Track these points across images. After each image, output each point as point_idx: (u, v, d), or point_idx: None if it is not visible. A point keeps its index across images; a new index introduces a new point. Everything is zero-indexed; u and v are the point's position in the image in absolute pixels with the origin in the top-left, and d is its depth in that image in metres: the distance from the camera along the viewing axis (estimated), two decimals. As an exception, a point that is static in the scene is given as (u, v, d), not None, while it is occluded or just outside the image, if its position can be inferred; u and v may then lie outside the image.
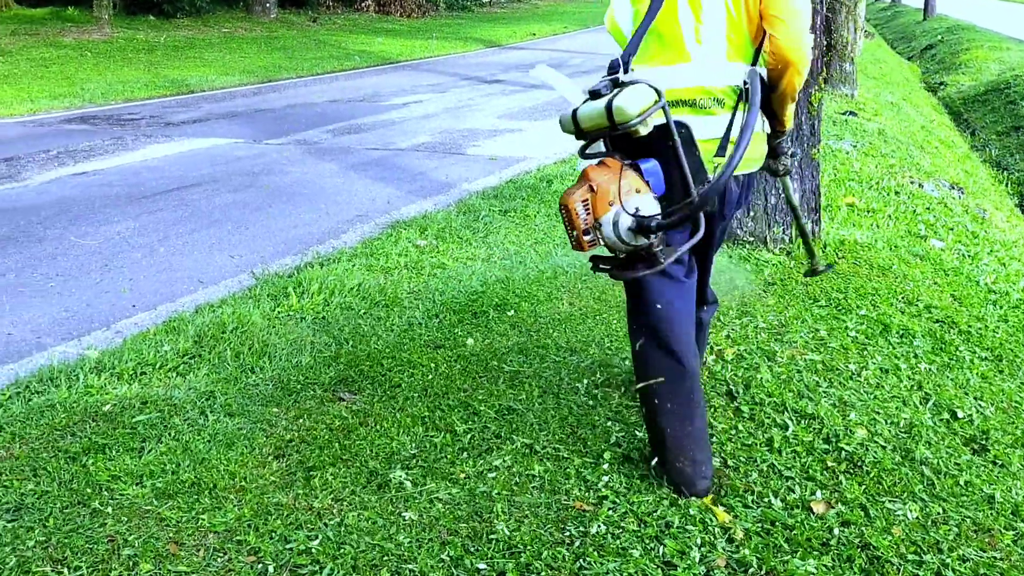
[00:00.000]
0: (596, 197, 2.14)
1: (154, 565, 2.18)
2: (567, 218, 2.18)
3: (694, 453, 2.46)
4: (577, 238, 2.18)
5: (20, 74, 12.94)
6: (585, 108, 2.17)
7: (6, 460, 2.66)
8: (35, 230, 5.46)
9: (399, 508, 2.42)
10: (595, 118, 2.14)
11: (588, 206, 2.16)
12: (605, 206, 2.14)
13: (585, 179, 2.18)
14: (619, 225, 2.14)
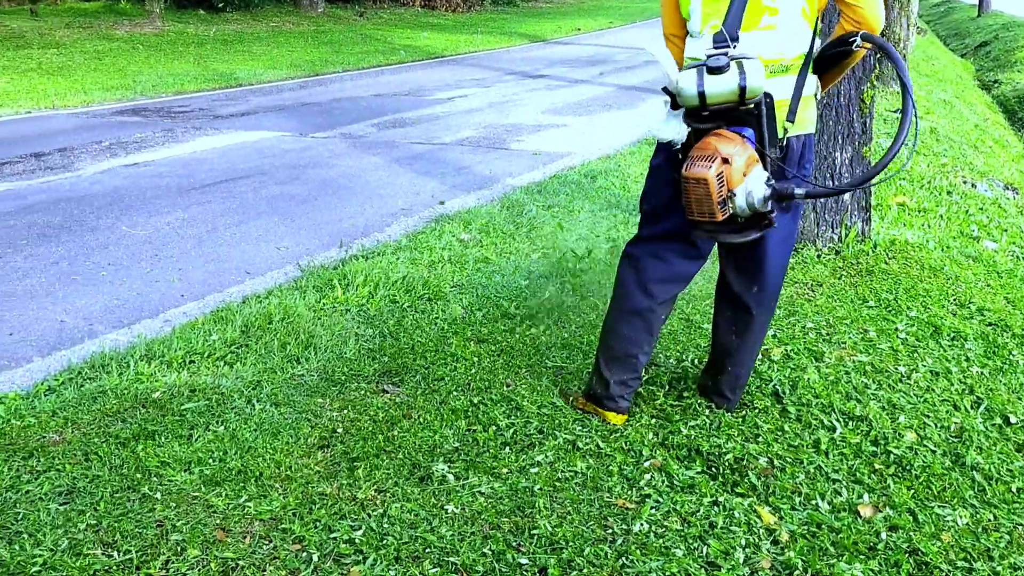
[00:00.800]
0: (731, 169, 2.26)
1: (201, 551, 2.21)
2: (703, 191, 2.27)
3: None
4: (711, 209, 2.29)
5: (74, 66, 13.22)
6: (715, 87, 2.25)
7: (59, 444, 2.72)
8: (88, 219, 5.58)
9: (441, 501, 2.43)
10: (726, 95, 2.26)
11: (723, 178, 2.27)
12: (740, 177, 2.28)
13: (712, 151, 2.27)
14: (753, 194, 2.30)
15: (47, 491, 2.47)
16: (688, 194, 2.32)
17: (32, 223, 5.48)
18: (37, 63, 13.41)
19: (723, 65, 2.23)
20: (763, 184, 2.32)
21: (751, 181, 2.31)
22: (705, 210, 2.31)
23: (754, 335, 2.82)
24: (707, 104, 2.28)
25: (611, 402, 2.83)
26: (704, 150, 2.29)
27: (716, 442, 2.70)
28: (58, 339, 3.81)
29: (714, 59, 2.25)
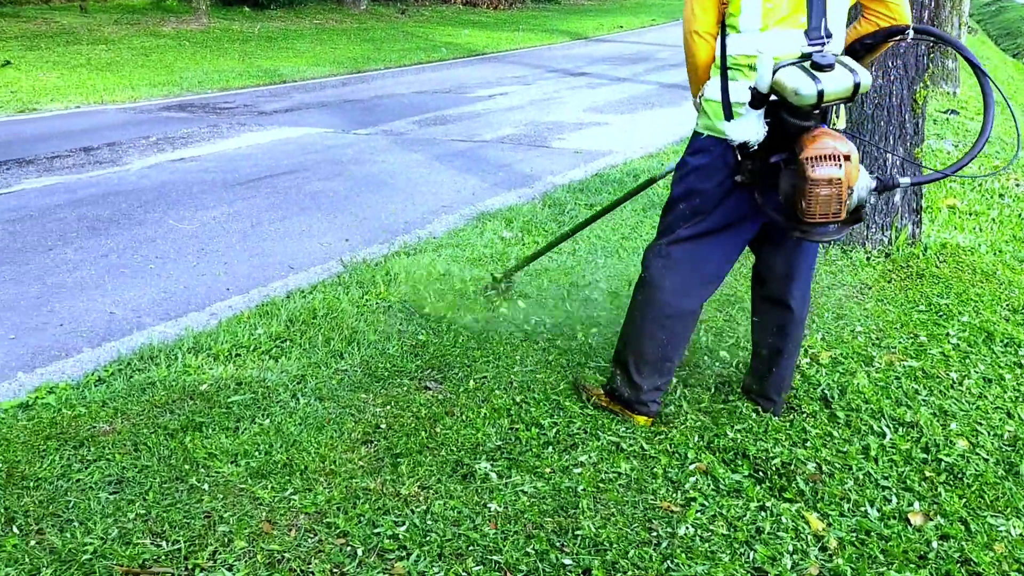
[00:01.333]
0: (851, 166, 2.25)
1: (248, 542, 2.23)
2: (834, 191, 2.23)
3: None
4: (838, 208, 2.26)
5: (122, 62, 13.45)
6: (833, 85, 2.19)
7: (109, 434, 2.76)
8: (136, 213, 5.67)
9: (484, 499, 2.43)
10: (841, 92, 2.21)
11: (848, 176, 2.26)
12: (856, 173, 2.28)
13: (832, 150, 2.23)
14: (864, 188, 2.32)
15: (97, 480, 2.51)
16: (814, 196, 2.25)
17: (82, 216, 5.58)
18: (86, 59, 13.66)
19: (832, 62, 2.20)
20: (869, 177, 2.34)
21: (862, 175, 2.32)
22: (832, 210, 2.26)
23: (796, 333, 2.80)
24: (823, 102, 2.22)
25: (643, 407, 2.80)
26: (822, 150, 2.24)
27: (763, 446, 2.67)
28: (107, 330, 3.87)
29: (820, 56, 2.21)
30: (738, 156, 2.49)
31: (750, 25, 2.42)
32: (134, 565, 2.13)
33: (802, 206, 2.27)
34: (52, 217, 5.55)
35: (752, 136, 2.42)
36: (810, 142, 2.26)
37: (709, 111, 2.56)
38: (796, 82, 2.20)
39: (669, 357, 2.75)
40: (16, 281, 4.43)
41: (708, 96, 2.57)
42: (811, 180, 2.23)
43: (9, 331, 3.84)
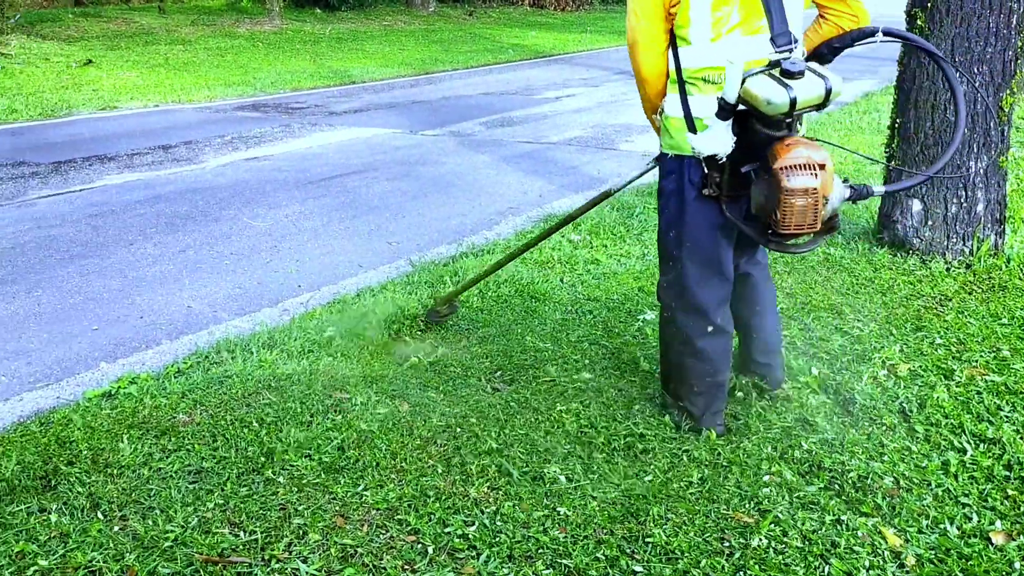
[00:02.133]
0: (827, 175, 2.22)
1: (321, 536, 2.27)
2: (810, 201, 2.20)
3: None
4: (813, 219, 2.22)
5: (199, 62, 13.80)
6: (805, 91, 2.16)
7: (188, 425, 2.84)
8: (212, 210, 5.81)
9: (553, 502, 2.43)
10: (813, 99, 2.18)
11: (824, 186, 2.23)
12: (831, 182, 2.24)
13: (806, 159, 2.20)
14: (837, 198, 2.28)
15: (177, 469, 2.58)
16: (789, 207, 2.21)
17: (161, 212, 5.74)
18: (164, 59, 14.06)
19: (802, 69, 2.15)
20: (843, 186, 2.30)
21: (836, 184, 2.28)
22: (807, 221, 2.23)
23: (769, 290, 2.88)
24: (796, 110, 2.18)
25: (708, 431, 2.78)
26: (797, 159, 2.20)
27: (839, 459, 2.61)
28: (185, 324, 3.98)
29: (790, 63, 2.16)
30: (705, 169, 2.47)
31: (700, 36, 2.38)
32: (213, 554, 2.18)
33: (776, 217, 2.23)
34: (132, 213, 5.72)
35: (720, 148, 2.39)
36: (784, 151, 2.21)
37: (671, 128, 2.53)
38: (767, 91, 2.16)
39: (720, 381, 2.75)
40: (99, 274, 4.58)
41: (668, 113, 2.53)
42: (786, 190, 2.19)
43: (93, 322, 3.97)
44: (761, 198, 2.30)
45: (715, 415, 2.78)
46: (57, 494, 2.45)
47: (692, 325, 2.69)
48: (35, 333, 3.84)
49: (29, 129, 8.72)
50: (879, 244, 4.49)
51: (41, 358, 3.60)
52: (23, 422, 2.97)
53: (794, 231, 2.24)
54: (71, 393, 3.25)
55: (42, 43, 14.55)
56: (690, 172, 2.52)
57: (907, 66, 4.26)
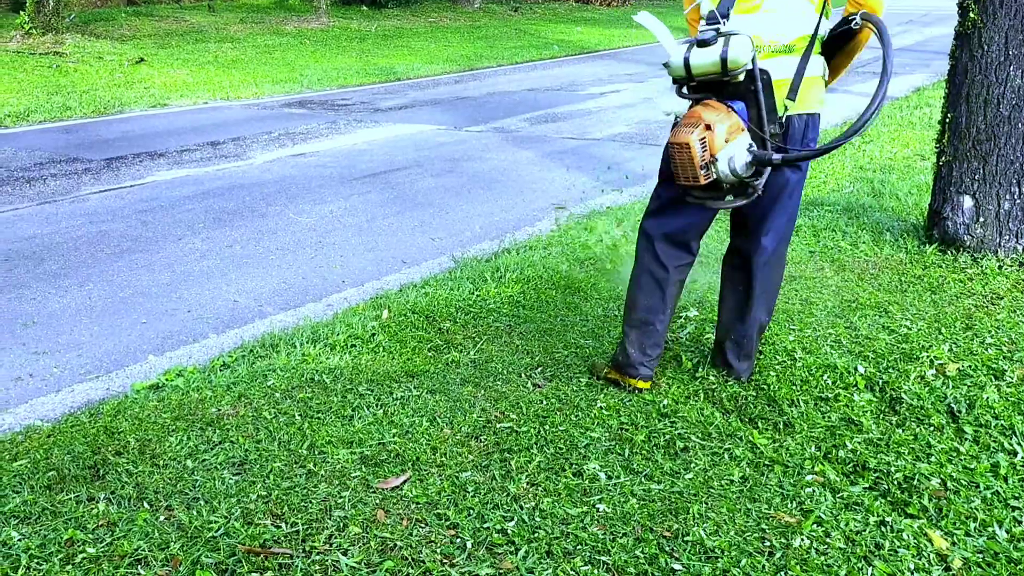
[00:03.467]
0: (712, 136, 2.41)
1: (362, 528, 2.29)
2: (686, 155, 2.42)
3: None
4: (694, 173, 2.44)
5: (247, 60, 14.00)
6: (699, 57, 2.42)
7: (233, 418, 2.88)
8: (258, 206, 5.89)
9: (593, 499, 2.42)
10: (708, 67, 2.43)
11: (705, 144, 2.42)
12: (721, 143, 2.43)
13: (696, 119, 2.42)
14: (735, 160, 2.45)
15: (222, 461, 2.62)
16: (674, 159, 2.45)
17: (209, 208, 5.84)
18: (214, 56, 14.28)
19: (710, 39, 2.39)
20: (745, 151, 2.47)
21: (733, 148, 2.44)
22: (688, 174, 2.45)
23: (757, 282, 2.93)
24: (692, 75, 2.44)
25: (633, 370, 2.97)
26: (689, 118, 2.44)
27: (884, 459, 2.57)
28: (231, 318, 4.05)
29: (702, 33, 2.42)
30: None
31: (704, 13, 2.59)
32: (255, 544, 2.21)
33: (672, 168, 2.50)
34: (181, 208, 5.83)
35: (675, 108, 2.65)
36: (688, 112, 2.48)
37: None
38: (674, 56, 2.47)
39: (651, 323, 2.94)
40: (148, 268, 4.67)
41: None
42: (668, 143, 2.47)
43: (141, 316, 4.06)
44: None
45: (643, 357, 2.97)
46: (105, 484, 2.51)
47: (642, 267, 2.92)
48: (86, 326, 3.93)
49: (82, 126, 8.93)
50: (928, 241, 4.40)
51: (92, 350, 3.69)
52: (74, 413, 3.05)
53: (682, 182, 2.49)
54: (120, 385, 3.32)
55: (96, 42, 14.87)
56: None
57: (959, 60, 4.16)
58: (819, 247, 4.50)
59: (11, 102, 9.89)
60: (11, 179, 6.64)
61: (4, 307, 4.14)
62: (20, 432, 2.88)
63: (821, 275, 4.09)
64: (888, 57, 2.46)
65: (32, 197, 6.13)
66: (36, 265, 4.71)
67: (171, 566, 2.14)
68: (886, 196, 5.42)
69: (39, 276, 4.55)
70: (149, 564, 2.15)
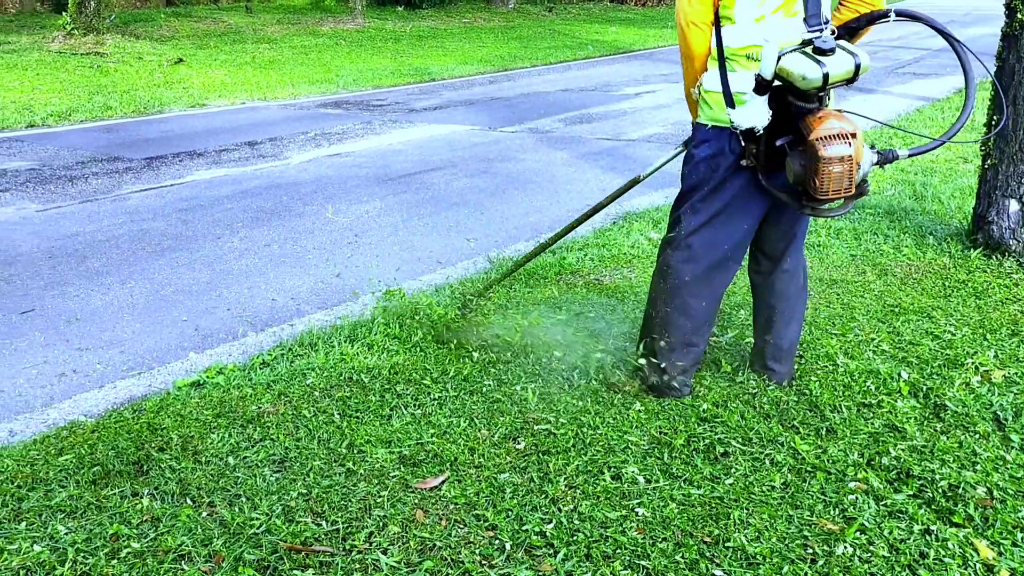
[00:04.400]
0: (858, 143, 2.38)
1: (401, 528, 2.30)
2: (846, 169, 2.36)
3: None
4: (848, 184, 2.39)
5: (283, 60, 14.12)
6: (836, 67, 2.33)
7: (273, 415, 2.91)
8: (295, 205, 5.94)
9: (632, 503, 2.41)
10: (843, 75, 2.35)
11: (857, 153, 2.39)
12: (861, 149, 2.41)
13: (839, 130, 2.36)
14: (869, 163, 2.45)
15: (263, 458, 2.64)
16: (827, 174, 2.37)
17: (247, 207, 5.90)
18: (251, 57, 14.43)
19: (833, 47, 2.33)
20: (871, 152, 2.47)
21: (865, 151, 2.45)
22: (844, 186, 2.39)
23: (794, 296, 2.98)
24: (828, 84, 2.35)
25: (674, 391, 2.95)
26: (831, 130, 2.36)
27: (929, 467, 2.53)
28: (270, 317, 4.08)
29: (821, 41, 2.33)
30: (742, 141, 2.62)
31: (745, 16, 2.56)
32: (296, 542, 2.23)
33: (815, 184, 2.39)
34: (220, 207, 5.89)
35: (758, 122, 2.55)
36: (817, 123, 2.39)
37: (711, 102, 2.69)
38: (802, 67, 2.33)
39: (695, 343, 2.90)
40: (189, 266, 4.73)
41: (708, 88, 2.69)
42: (824, 159, 2.35)
43: (182, 313, 4.11)
44: (798, 167, 2.44)
45: (683, 375, 2.94)
46: (149, 479, 2.54)
47: (690, 289, 2.84)
48: (128, 323, 3.99)
49: (123, 125, 9.06)
50: (973, 245, 4.33)
51: (134, 347, 3.74)
52: (117, 409, 3.09)
53: (831, 196, 2.42)
54: (162, 382, 3.36)
55: (136, 42, 15.09)
56: (730, 143, 2.67)
57: (1006, 61, 4.08)
58: (860, 250, 4.44)
59: (53, 101, 10.06)
60: (54, 177, 6.76)
61: (48, 304, 4.21)
62: (64, 427, 2.93)
63: (863, 279, 4.03)
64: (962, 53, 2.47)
65: (75, 195, 6.23)
66: (79, 263, 4.79)
67: (214, 562, 2.16)
68: (928, 199, 5.34)
69: (82, 273, 4.62)
70: (193, 560, 2.18)
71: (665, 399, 2.95)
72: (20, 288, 4.41)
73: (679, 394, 2.94)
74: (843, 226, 4.81)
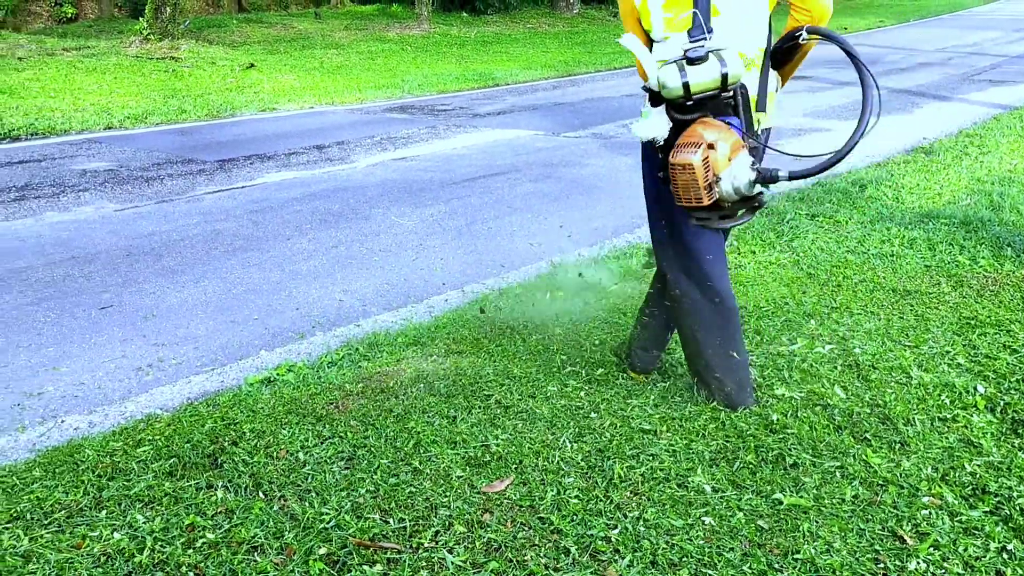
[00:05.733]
0: (716, 154, 2.38)
1: (466, 528, 2.32)
2: (689, 176, 2.38)
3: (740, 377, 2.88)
4: (697, 194, 2.40)
5: (351, 66, 14.37)
6: (698, 76, 2.36)
7: (342, 414, 2.96)
8: (362, 208, 6.04)
9: (698, 511, 2.39)
10: (708, 84, 2.37)
11: (708, 163, 2.38)
12: (725, 162, 2.39)
13: (697, 138, 2.38)
14: (738, 178, 2.40)
15: (331, 455, 2.69)
16: (676, 180, 2.41)
17: (315, 209, 6.01)
18: (319, 62, 14.71)
19: (703, 55, 2.35)
20: (748, 168, 2.41)
21: (736, 166, 2.40)
22: (692, 195, 2.41)
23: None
24: (691, 94, 2.38)
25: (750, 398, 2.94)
26: (689, 137, 2.40)
27: (1006, 483, 2.45)
28: (337, 317, 4.15)
29: (692, 51, 2.36)
30: (658, 154, 2.63)
31: (657, 35, 2.59)
32: (365, 538, 2.27)
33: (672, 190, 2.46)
34: (289, 209, 6.02)
35: (656, 133, 2.55)
36: (686, 131, 2.43)
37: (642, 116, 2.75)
38: (667, 78, 2.39)
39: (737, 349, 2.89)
40: (259, 267, 4.84)
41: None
42: (671, 165, 2.41)
43: (253, 312, 4.21)
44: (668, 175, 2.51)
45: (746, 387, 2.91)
46: (223, 472, 2.61)
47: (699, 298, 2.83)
48: (202, 320, 4.10)
49: (197, 129, 9.32)
50: (1054, 257, 4.19)
51: (207, 344, 3.84)
52: (192, 403, 3.18)
53: (684, 203, 2.45)
54: (234, 378, 3.45)
55: (209, 47, 15.50)
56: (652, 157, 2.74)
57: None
58: (935, 261, 4.33)
59: (131, 104, 10.40)
60: (131, 178, 6.98)
61: (127, 300, 4.36)
62: (142, 420, 3.03)
63: (938, 290, 3.94)
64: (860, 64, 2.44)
65: (151, 196, 6.43)
66: (155, 261, 4.94)
67: (286, 555, 2.21)
68: (1006, 209, 5.18)
69: (158, 271, 4.77)
70: (265, 552, 2.23)
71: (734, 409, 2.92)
72: (100, 284, 4.57)
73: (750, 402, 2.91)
74: (917, 236, 4.70)
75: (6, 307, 4.26)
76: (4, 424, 3.15)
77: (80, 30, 18.23)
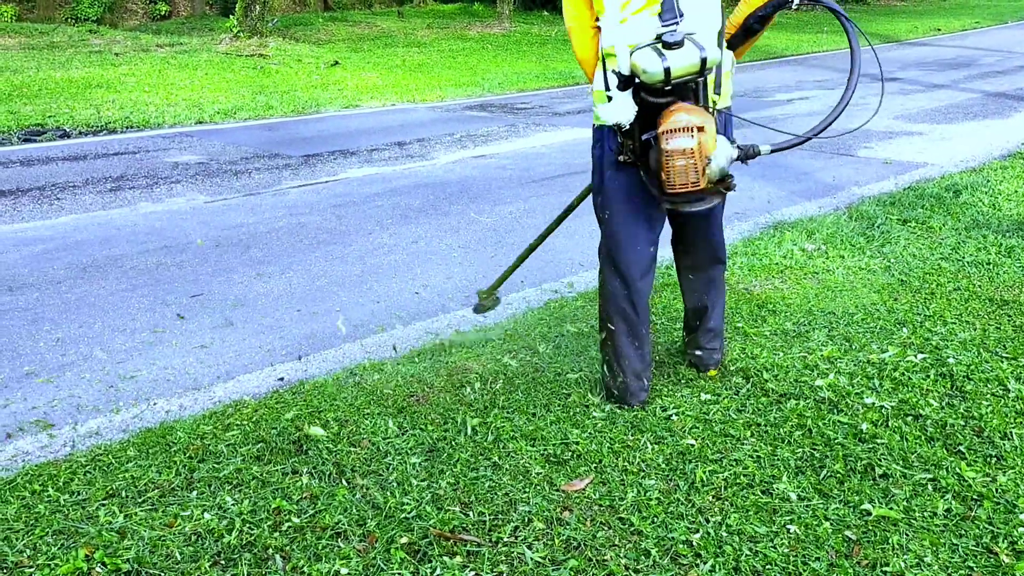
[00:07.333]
0: (706, 136, 2.40)
1: (546, 525, 2.32)
2: (688, 162, 2.40)
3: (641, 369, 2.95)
4: (695, 178, 2.42)
5: (432, 64, 14.52)
6: (679, 61, 2.34)
7: (422, 406, 2.99)
8: (441, 205, 6.09)
9: (783, 519, 2.34)
10: (688, 68, 2.36)
11: (702, 146, 2.41)
12: (713, 143, 2.42)
13: (686, 123, 2.39)
14: (724, 157, 2.45)
15: (412, 446, 2.72)
16: (672, 167, 2.42)
17: (396, 205, 6.09)
18: (402, 60, 14.90)
19: (680, 40, 2.33)
20: (729, 146, 2.48)
21: (721, 145, 2.45)
22: (690, 180, 2.43)
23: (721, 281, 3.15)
24: (671, 79, 2.36)
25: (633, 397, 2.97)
26: (677, 123, 2.40)
27: (1114, 505, 2.34)
28: (416, 310, 4.20)
29: (669, 35, 2.34)
30: (618, 138, 2.66)
31: (610, 20, 2.57)
32: (445, 529, 2.29)
33: (662, 177, 2.45)
34: (371, 204, 6.11)
35: (622, 117, 2.55)
36: (666, 117, 2.43)
37: (595, 100, 2.75)
38: (645, 62, 2.36)
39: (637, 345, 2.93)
40: (342, 260, 4.92)
41: (595, 87, 2.74)
42: (666, 152, 2.41)
43: (336, 304, 4.28)
44: (654, 161, 2.51)
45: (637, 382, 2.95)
46: (307, 458, 2.66)
47: (613, 292, 2.92)
48: (287, 311, 4.19)
49: (283, 124, 9.54)
50: None
51: (292, 333, 3.92)
52: (278, 390, 3.25)
53: (679, 190, 2.45)
54: (317, 368, 3.52)
55: (295, 45, 15.85)
56: (608, 140, 2.75)
57: None
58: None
59: (220, 100, 10.70)
60: (221, 171, 7.19)
61: (216, 289, 4.48)
62: (230, 405, 3.11)
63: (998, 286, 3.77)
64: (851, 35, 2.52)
65: (239, 189, 6.61)
66: (243, 252, 5.07)
67: (368, 542, 2.24)
68: (1113, 218, 4.94)
69: (245, 262, 4.89)
70: (348, 538, 2.26)
71: (820, 415, 2.84)
72: (191, 274, 4.71)
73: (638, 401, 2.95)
74: (1015, 244, 4.51)
75: (103, 292, 4.44)
76: (100, 405, 3.27)
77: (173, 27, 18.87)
